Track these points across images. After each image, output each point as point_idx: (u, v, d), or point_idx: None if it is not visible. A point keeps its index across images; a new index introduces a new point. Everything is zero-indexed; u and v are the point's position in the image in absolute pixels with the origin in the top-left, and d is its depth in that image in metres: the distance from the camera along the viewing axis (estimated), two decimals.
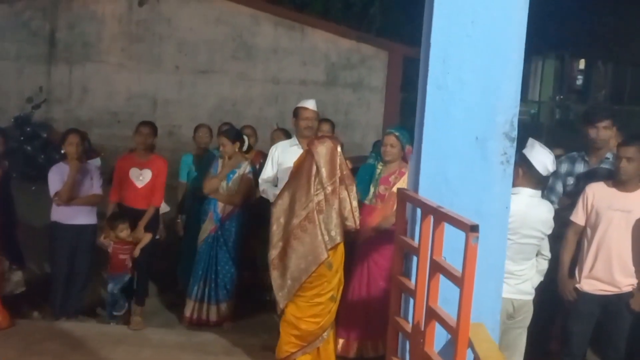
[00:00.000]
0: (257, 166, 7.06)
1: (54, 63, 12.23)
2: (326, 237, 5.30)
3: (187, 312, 6.78)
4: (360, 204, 6.12)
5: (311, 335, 5.53)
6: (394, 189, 5.97)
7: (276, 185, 6.25)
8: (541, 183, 4.98)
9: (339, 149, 5.38)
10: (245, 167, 6.75)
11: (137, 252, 6.66)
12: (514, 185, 4.80)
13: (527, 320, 5.00)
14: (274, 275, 5.45)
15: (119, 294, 6.67)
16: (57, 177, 6.53)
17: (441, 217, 3.58)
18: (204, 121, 8.70)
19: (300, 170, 5.41)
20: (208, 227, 6.73)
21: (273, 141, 7.05)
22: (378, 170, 6.16)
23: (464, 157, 4.02)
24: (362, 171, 6.31)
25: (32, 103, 11.96)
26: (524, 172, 4.84)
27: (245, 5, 12.10)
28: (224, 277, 6.76)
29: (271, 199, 6.03)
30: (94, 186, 6.68)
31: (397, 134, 6.10)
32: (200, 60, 12.24)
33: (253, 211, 6.98)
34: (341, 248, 5.52)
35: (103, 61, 12.27)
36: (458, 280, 3.36)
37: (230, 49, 12.18)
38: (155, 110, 12.05)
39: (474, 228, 3.26)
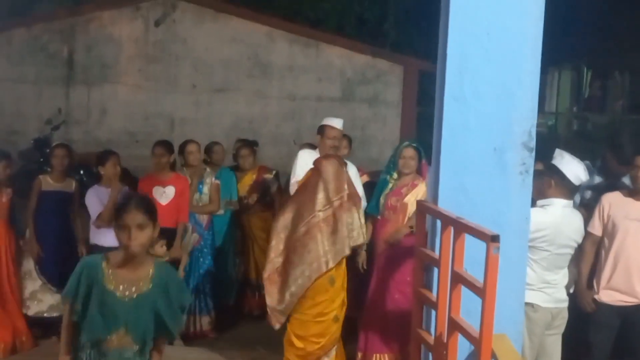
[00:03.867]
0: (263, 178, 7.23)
1: (72, 85, 12.33)
2: (328, 251, 5.32)
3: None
4: (374, 218, 6.15)
5: (311, 356, 5.52)
6: (405, 200, 5.99)
7: None
8: (573, 193, 4.98)
9: (344, 168, 5.46)
10: (210, 176, 7.06)
11: (181, 273, 6.67)
12: (546, 196, 4.82)
13: (563, 327, 5.00)
14: (271, 290, 5.46)
15: None
16: (95, 200, 6.55)
17: (462, 228, 3.59)
18: (222, 139, 8.76)
19: (306, 187, 5.47)
20: (193, 240, 6.84)
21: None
22: (390, 184, 6.18)
23: (483, 168, 4.03)
24: (377, 187, 6.34)
25: (51, 125, 12.02)
26: (556, 183, 4.85)
27: (260, 24, 12.17)
28: (213, 286, 6.89)
29: None
30: None
31: (415, 145, 6.13)
32: (216, 79, 12.30)
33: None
34: (344, 265, 5.53)
35: (120, 82, 12.36)
36: (480, 291, 3.37)
37: (246, 67, 12.24)
38: (172, 129, 12.11)
39: (494, 238, 3.27)
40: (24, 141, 11.03)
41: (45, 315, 6.47)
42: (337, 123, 6.32)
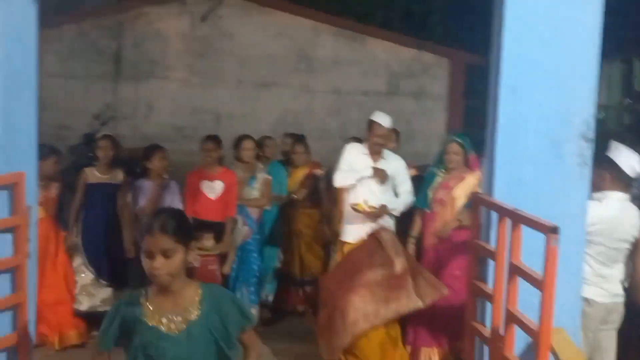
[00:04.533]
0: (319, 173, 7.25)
1: (120, 81, 12.48)
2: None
3: None
4: (423, 212, 6.14)
5: None
6: (453, 194, 5.96)
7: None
8: (629, 186, 4.88)
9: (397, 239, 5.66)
10: (262, 171, 7.11)
11: (227, 268, 6.70)
12: (603, 189, 4.73)
13: (618, 322, 4.91)
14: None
15: None
16: (139, 193, 6.64)
17: (519, 219, 3.55)
18: (268, 133, 8.78)
19: (365, 249, 5.58)
20: (243, 233, 6.87)
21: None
22: (439, 178, 6.14)
23: (539, 160, 3.98)
24: (425, 180, 6.31)
25: (100, 120, 12.19)
26: (613, 176, 4.75)
27: (305, 18, 12.17)
28: (260, 279, 7.02)
29: (350, 182, 6.19)
30: (174, 201, 6.77)
31: (459, 140, 6.07)
32: (262, 74, 12.34)
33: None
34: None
35: (167, 77, 12.47)
36: (539, 284, 3.33)
37: (292, 61, 12.26)
38: (219, 124, 12.18)
39: (554, 230, 3.23)
40: (74, 136, 11.18)
41: (98, 309, 6.46)
42: (385, 121, 6.27)
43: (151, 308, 2.97)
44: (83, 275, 6.49)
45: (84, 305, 6.45)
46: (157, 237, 2.88)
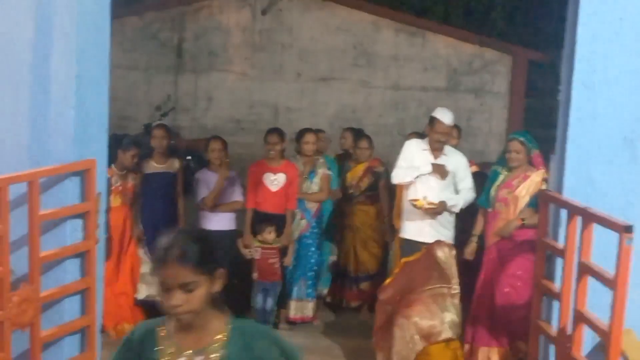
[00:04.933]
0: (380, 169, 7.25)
1: (181, 73, 12.65)
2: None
3: (291, 314, 6.92)
4: (485, 210, 6.07)
5: None
6: (517, 193, 5.88)
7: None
8: None
9: (453, 252, 5.55)
10: (323, 166, 7.05)
11: (289, 260, 6.74)
12: None
13: None
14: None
15: (272, 308, 6.72)
16: (202, 184, 6.70)
17: (591, 217, 3.49)
18: (325, 128, 8.79)
19: (421, 264, 5.56)
20: (300, 226, 6.88)
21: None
22: (502, 177, 6.06)
23: (611, 158, 3.91)
24: (489, 178, 6.24)
25: (161, 111, 12.39)
26: None
27: (366, 12, 12.16)
28: (317, 273, 7.04)
29: (408, 179, 6.08)
30: (235, 192, 6.82)
31: (521, 139, 5.98)
32: (321, 68, 12.37)
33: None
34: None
35: (227, 70, 12.59)
36: (611, 283, 3.27)
37: (351, 56, 12.26)
38: (277, 117, 12.27)
39: (628, 229, 3.17)
40: (135, 126, 11.38)
41: (155, 298, 6.49)
42: (447, 118, 6.18)
43: (167, 345, 2.44)
44: (144, 264, 6.55)
45: (141, 293, 6.50)
46: (174, 269, 2.32)
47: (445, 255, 5.47)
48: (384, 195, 7.22)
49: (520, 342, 5.37)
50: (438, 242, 5.63)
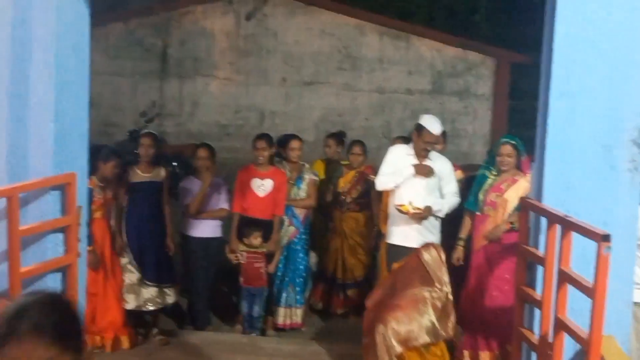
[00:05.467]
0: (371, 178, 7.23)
1: (166, 78, 12.61)
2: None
3: (280, 320, 6.93)
4: (473, 214, 6.08)
5: None
6: (505, 196, 5.89)
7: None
8: None
9: (443, 257, 5.49)
10: (309, 172, 7.11)
11: (272, 268, 6.75)
12: None
13: None
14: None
15: (259, 314, 6.75)
16: (187, 191, 6.70)
17: (570, 226, 3.51)
18: (311, 132, 8.79)
19: (407, 268, 5.54)
20: (289, 233, 6.88)
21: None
22: (490, 180, 6.08)
23: (590, 165, 3.94)
24: (475, 182, 6.24)
25: (146, 117, 12.35)
26: None
27: (350, 17, 12.17)
28: (305, 279, 7.07)
29: (391, 185, 6.13)
30: (221, 200, 6.81)
31: (513, 142, 6.01)
32: (306, 72, 12.37)
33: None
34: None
35: (212, 75, 12.56)
36: (589, 291, 3.29)
37: (336, 60, 12.26)
38: (262, 122, 12.25)
39: (606, 237, 3.19)
40: (120, 133, 11.33)
41: (143, 309, 6.45)
42: (435, 128, 6.16)
43: None
44: (129, 274, 6.47)
45: (130, 304, 6.39)
46: (27, 345, 1.75)
47: (432, 258, 5.46)
48: (376, 203, 7.20)
49: (510, 346, 5.39)
50: (427, 245, 5.63)
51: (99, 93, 12.03)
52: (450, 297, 5.39)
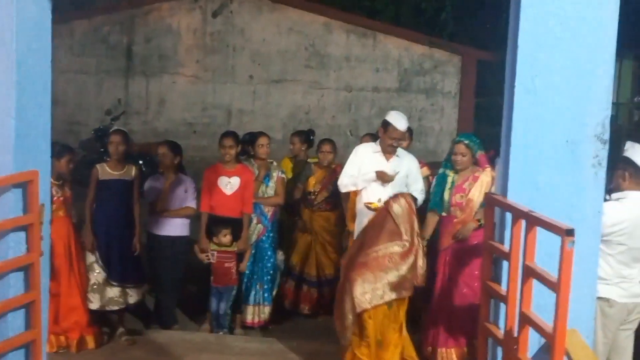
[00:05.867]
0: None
1: (131, 76, 12.52)
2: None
3: (248, 318, 6.91)
4: (438, 214, 6.10)
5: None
6: (470, 195, 5.92)
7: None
8: None
9: (413, 206, 5.50)
10: (277, 169, 7.11)
11: (244, 267, 6.72)
12: (621, 189, 4.70)
13: (637, 323, 4.87)
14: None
15: (226, 312, 6.71)
16: (152, 189, 6.63)
17: (534, 221, 3.53)
18: (278, 130, 8.79)
19: (376, 224, 5.53)
20: (257, 230, 6.87)
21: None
22: (450, 179, 6.10)
23: (554, 161, 3.96)
24: (436, 182, 6.26)
25: (111, 115, 12.24)
26: (631, 175, 4.72)
27: (317, 14, 12.18)
28: (273, 277, 7.05)
29: (352, 188, 6.19)
30: (187, 198, 6.75)
31: (466, 142, 6.03)
32: (273, 70, 12.35)
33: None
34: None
35: (179, 73, 12.50)
36: (554, 286, 3.31)
37: (303, 58, 12.27)
38: (230, 120, 12.22)
39: (569, 232, 3.21)
40: (85, 131, 11.24)
41: (106, 308, 6.38)
42: (401, 124, 6.20)
43: None
44: (95, 273, 6.38)
45: (94, 304, 6.30)
46: None
47: (402, 208, 5.42)
48: (345, 202, 7.19)
49: (477, 341, 5.42)
50: (396, 195, 5.62)
51: (64, 91, 11.92)
52: (421, 244, 5.44)
